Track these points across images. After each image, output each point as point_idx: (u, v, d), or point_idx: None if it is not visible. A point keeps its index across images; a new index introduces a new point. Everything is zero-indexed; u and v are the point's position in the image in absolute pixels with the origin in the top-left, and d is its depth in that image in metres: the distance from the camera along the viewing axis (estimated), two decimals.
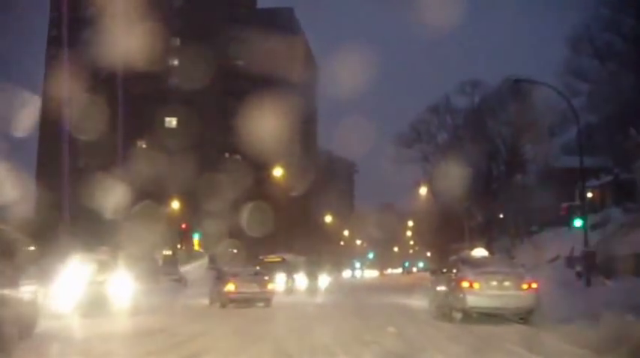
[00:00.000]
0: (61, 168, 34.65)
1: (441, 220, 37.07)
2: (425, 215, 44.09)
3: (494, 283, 10.33)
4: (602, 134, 23.39)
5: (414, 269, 74.59)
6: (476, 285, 10.34)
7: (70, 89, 34.52)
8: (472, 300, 10.27)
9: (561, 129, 31.95)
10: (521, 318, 10.42)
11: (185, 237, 21.71)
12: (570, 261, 17.90)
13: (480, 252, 12.82)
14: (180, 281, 26.54)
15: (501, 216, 32.77)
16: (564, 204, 22.23)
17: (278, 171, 28.08)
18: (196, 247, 21.91)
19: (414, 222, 62.32)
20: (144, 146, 37.79)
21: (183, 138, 32.38)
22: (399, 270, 77.57)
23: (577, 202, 29.73)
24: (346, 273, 50.31)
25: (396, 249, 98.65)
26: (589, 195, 27.93)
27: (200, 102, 33.56)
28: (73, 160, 39.60)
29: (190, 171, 29.02)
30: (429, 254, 71.90)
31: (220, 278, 15.41)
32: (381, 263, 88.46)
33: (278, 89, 41.30)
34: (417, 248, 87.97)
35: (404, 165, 38.90)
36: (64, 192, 27.60)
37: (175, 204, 28.41)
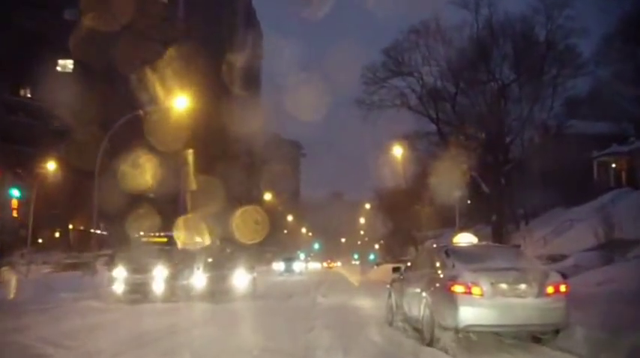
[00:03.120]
0: None
1: (415, 195, 30.27)
2: (389, 195, 38.47)
3: (504, 286, 6.83)
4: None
5: (354, 262, 72.02)
6: (476, 290, 6.79)
7: None
8: (470, 314, 6.73)
9: (573, 76, 23.66)
10: (537, 339, 7.14)
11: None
12: None
13: (466, 238, 9.26)
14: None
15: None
16: None
17: (182, 101, 18.21)
18: (15, 214, 16.25)
19: (371, 204, 54.94)
20: (28, 95, 31.14)
21: (81, 86, 26.06)
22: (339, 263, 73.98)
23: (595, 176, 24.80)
24: (278, 266, 35.76)
25: (343, 240, 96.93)
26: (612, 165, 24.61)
27: (107, 42, 27.42)
28: None
29: (85, 127, 23.25)
30: (377, 246, 69.79)
31: None
32: (327, 254, 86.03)
33: (213, 41, 36.34)
34: (367, 238, 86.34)
35: (372, 113, 26.93)
36: None
37: (52, 166, 22.68)
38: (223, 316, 10.87)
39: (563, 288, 7.01)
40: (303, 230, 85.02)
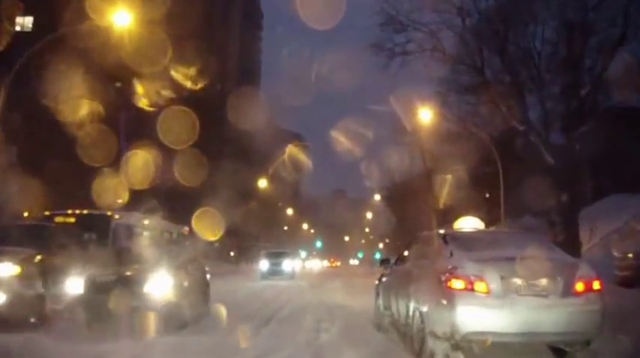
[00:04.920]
0: None
1: (435, 179, 25.09)
2: (403, 182, 35.05)
3: (519, 281, 5.30)
4: None
5: (353, 262, 69.66)
6: (480, 286, 5.26)
7: None
8: (471, 319, 5.20)
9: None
10: (560, 352, 5.60)
11: None
12: None
13: (471, 223, 7.70)
14: None
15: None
16: None
17: (123, 17, 13.44)
18: None
19: (382, 195, 51.15)
20: None
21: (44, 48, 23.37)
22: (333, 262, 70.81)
23: None
24: (262, 265, 26.18)
25: (347, 238, 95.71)
26: None
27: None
28: None
29: (49, 98, 20.95)
30: (381, 245, 67.96)
31: None
32: (330, 253, 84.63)
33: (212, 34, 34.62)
34: (372, 237, 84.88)
35: (394, 62, 19.79)
36: None
37: None
38: None
39: (596, 286, 5.44)
40: (305, 226, 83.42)
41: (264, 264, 26.23)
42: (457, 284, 5.26)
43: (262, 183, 48.50)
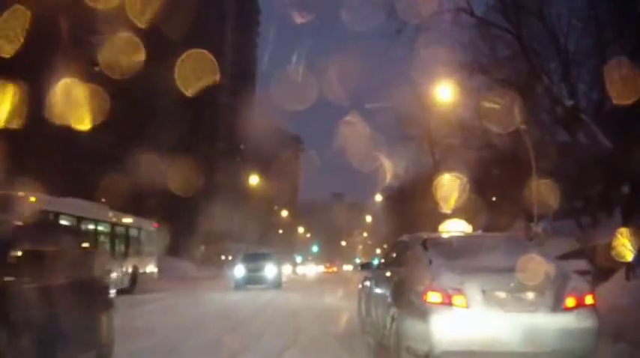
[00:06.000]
0: None
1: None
2: (410, 179, 32.55)
3: (502, 294, 4.81)
4: None
5: (347, 267, 68.48)
6: (459, 300, 4.78)
7: None
8: (449, 335, 4.74)
9: None
10: None
11: None
12: None
13: (456, 226, 7.26)
14: None
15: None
16: None
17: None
18: None
19: (384, 195, 48.87)
20: None
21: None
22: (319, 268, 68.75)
23: None
24: (238, 271, 20.72)
25: (343, 243, 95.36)
26: None
27: None
28: None
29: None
30: (378, 251, 67.25)
31: None
32: (326, 257, 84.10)
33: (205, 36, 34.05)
34: (370, 242, 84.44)
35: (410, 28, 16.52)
36: None
37: None
38: None
39: (589, 300, 4.96)
40: (301, 229, 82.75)
41: (239, 270, 20.84)
42: (433, 297, 4.78)
43: (258, 186, 47.96)
